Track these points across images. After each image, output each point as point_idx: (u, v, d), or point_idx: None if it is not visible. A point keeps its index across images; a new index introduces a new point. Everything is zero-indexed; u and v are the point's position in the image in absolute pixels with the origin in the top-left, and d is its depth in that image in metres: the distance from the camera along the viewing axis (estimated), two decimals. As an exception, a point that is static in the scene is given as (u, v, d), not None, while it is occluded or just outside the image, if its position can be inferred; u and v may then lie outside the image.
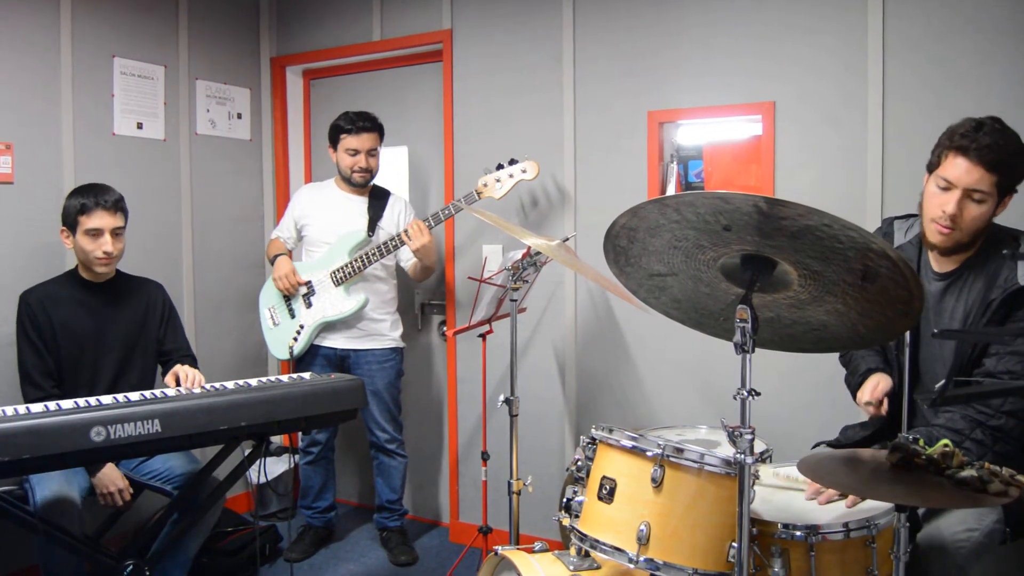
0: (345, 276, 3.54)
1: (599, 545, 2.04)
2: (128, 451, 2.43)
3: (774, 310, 1.90)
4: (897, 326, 1.83)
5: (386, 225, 3.66)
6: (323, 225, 3.67)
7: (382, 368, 3.68)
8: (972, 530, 2.04)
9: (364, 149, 3.59)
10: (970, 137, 2.09)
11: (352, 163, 3.60)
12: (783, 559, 1.96)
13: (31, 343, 2.93)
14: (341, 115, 3.65)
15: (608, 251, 1.92)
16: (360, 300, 3.56)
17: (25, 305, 2.96)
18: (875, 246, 1.58)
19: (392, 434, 3.75)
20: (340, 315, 3.57)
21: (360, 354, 3.67)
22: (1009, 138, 2.11)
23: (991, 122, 2.11)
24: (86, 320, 3.02)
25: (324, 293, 3.60)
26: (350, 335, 3.64)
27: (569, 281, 3.62)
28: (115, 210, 2.97)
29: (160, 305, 3.22)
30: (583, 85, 3.55)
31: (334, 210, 3.68)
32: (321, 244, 3.67)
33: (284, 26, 4.42)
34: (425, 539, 4.02)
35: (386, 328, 3.70)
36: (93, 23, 3.62)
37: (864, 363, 2.40)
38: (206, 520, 2.99)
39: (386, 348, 3.70)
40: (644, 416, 3.46)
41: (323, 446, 3.81)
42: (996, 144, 2.07)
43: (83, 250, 2.96)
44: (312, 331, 3.61)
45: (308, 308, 3.63)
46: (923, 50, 2.88)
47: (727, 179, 3.37)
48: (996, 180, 2.09)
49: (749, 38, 3.18)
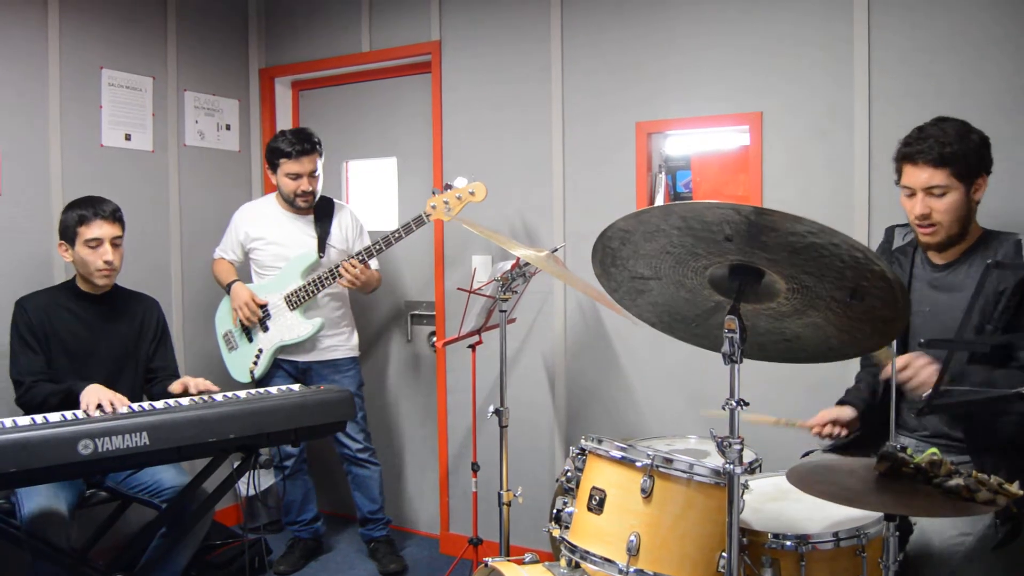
0: (299, 300, 3.54)
1: (589, 556, 2.03)
2: (116, 464, 2.42)
3: (751, 319, 1.92)
4: (869, 344, 1.88)
5: (335, 242, 3.65)
6: (272, 249, 3.64)
7: (344, 377, 3.69)
8: (965, 535, 2.05)
9: (306, 172, 3.54)
10: (912, 145, 2.25)
11: (295, 187, 3.55)
12: (773, 569, 1.97)
13: (25, 343, 2.92)
14: (278, 135, 3.62)
15: (596, 251, 1.93)
16: (316, 324, 3.56)
17: (21, 310, 2.96)
18: (876, 268, 1.60)
19: (363, 443, 3.74)
20: (297, 339, 3.57)
21: (322, 365, 3.67)
22: (949, 132, 2.21)
23: (931, 124, 2.26)
24: (80, 331, 3.01)
25: (280, 317, 3.58)
26: (308, 350, 3.65)
27: (558, 292, 3.63)
28: (113, 219, 2.98)
29: (154, 322, 3.21)
30: (571, 96, 3.56)
31: (281, 232, 3.64)
32: (270, 268, 3.65)
33: (273, 37, 4.42)
34: (415, 550, 4.01)
35: (342, 340, 3.72)
36: (81, 34, 3.61)
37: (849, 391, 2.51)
38: (195, 533, 2.97)
39: (345, 357, 3.72)
40: (634, 426, 3.46)
41: (296, 459, 3.79)
42: (936, 143, 2.20)
43: (84, 261, 2.96)
44: (270, 354, 3.60)
45: (265, 332, 3.60)
46: (908, 60, 2.91)
47: (715, 189, 3.38)
48: (949, 172, 2.21)
49: (737, 49, 3.20)
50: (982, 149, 2.24)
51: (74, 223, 2.94)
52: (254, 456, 2.73)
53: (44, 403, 2.78)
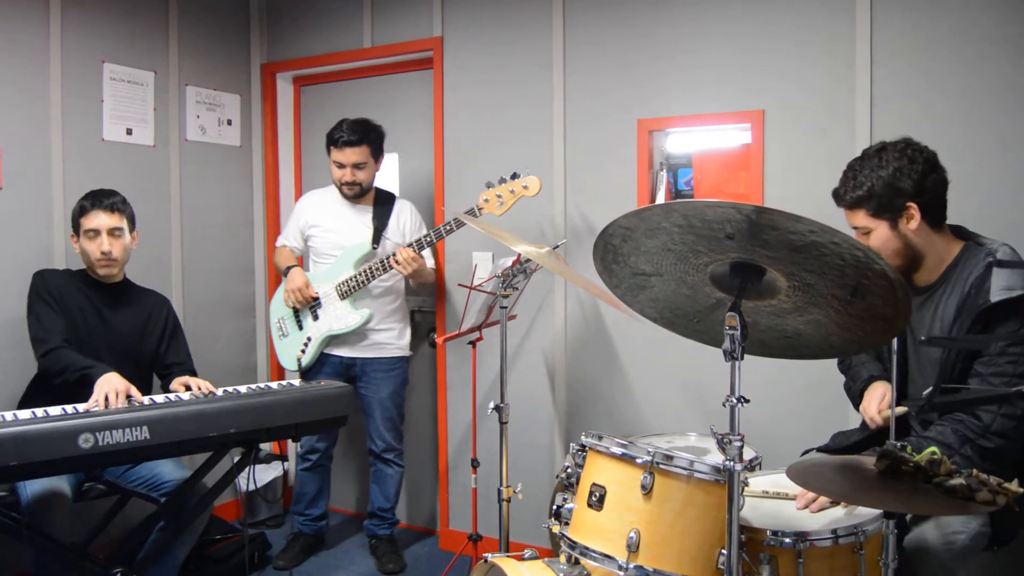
0: (350, 290, 3.54)
1: (589, 552, 2.04)
2: (116, 458, 2.43)
3: (752, 316, 1.92)
4: (871, 340, 1.87)
5: (391, 235, 3.66)
6: (328, 237, 3.67)
7: (388, 376, 3.69)
8: (958, 533, 2.06)
9: (349, 163, 3.56)
10: (836, 195, 2.31)
11: (339, 176, 3.59)
12: (771, 566, 1.97)
13: (46, 303, 2.94)
14: (338, 123, 3.62)
15: (598, 247, 1.93)
16: (364, 315, 3.56)
17: (40, 277, 3.01)
18: (876, 266, 1.60)
19: (391, 443, 3.75)
20: (345, 329, 3.57)
21: (367, 362, 3.68)
22: (860, 174, 2.23)
23: (848, 169, 2.28)
24: (88, 314, 3.03)
25: (330, 306, 3.60)
26: (357, 344, 3.65)
27: (559, 288, 3.63)
28: (112, 210, 3.00)
29: (163, 319, 3.22)
30: (573, 93, 3.56)
31: (338, 220, 3.68)
32: (327, 256, 3.67)
33: (275, 33, 4.42)
34: (415, 547, 4.01)
35: (393, 337, 3.71)
36: (83, 28, 3.61)
37: (865, 370, 2.43)
38: (194, 528, 2.98)
39: (392, 357, 3.72)
40: (634, 423, 3.47)
41: (322, 454, 3.80)
42: (849, 187, 2.26)
43: (85, 252, 3.02)
44: (319, 344, 3.62)
45: (315, 321, 3.63)
46: (909, 59, 2.91)
47: (716, 187, 3.38)
48: (866, 212, 2.23)
49: (738, 48, 3.20)
50: (896, 180, 2.18)
51: (76, 214, 3.02)
52: (254, 451, 2.73)
53: (63, 372, 2.78)
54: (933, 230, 2.24)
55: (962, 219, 2.34)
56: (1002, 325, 2.10)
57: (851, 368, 2.49)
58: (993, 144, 2.78)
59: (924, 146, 2.23)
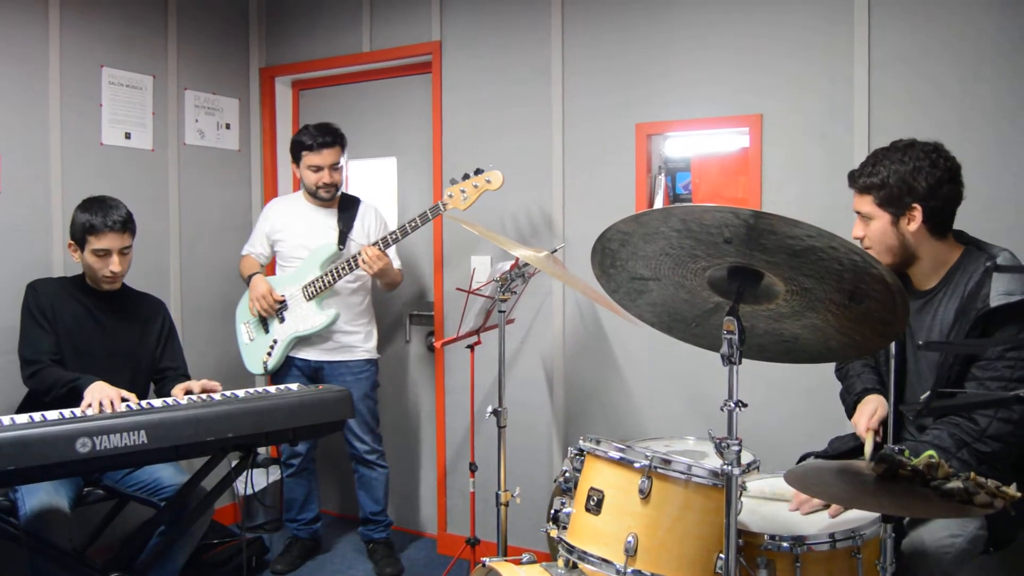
0: (316, 291, 3.54)
1: (587, 557, 2.04)
2: (114, 462, 2.42)
3: (750, 320, 1.92)
4: (870, 344, 1.88)
5: (356, 236, 3.67)
6: (295, 240, 3.67)
7: (357, 379, 3.67)
8: (956, 536, 2.06)
9: (327, 165, 3.58)
10: (852, 176, 2.33)
11: (316, 179, 3.60)
12: (769, 570, 1.97)
13: (36, 322, 2.93)
14: (302, 130, 3.65)
15: (596, 252, 1.93)
16: (331, 315, 3.56)
17: (32, 291, 2.99)
18: (874, 271, 1.60)
19: (372, 445, 3.74)
20: (311, 330, 3.57)
21: (334, 366, 3.67)
22: (880, 163, 2.25)
23: (872, 155, 2.30)
24: (85, 323, 3.02)
25: (296, 308, 3.60)
26: (324, 347, 3.64)
27: (557, 292, 3.63)
28: (123, 230, 2.97)
29: (160, 323, 3.22)
30: (571, 97, 3.57)
31: (304, 224, 3.68)
32: (293, 259, 3.67)
33: (273, 37, 4.42)
34: (412, 551, 4.01)
35: (359, 340, 3.70)
36: (81, 33, 3.61)
37: (860, 382, 2.43)
38: (193, 532, 2.97)
39: (360, 359, 3.70)
40: (632, 427, 3.46)
41: (304, 457, 3.80)
42: (865, 172, 2.28)
43: (90, 267, 2.99)
44: (285, 346, 3.61)
45: (281, 323, 3.62)
46: (909, 63, 2.91)
47: (715, 191, 3.38)
48: (873, 200, 2.25)
49: (737, 51, 3.20)
50: (912, 178, 2.19)
51: (83, 230, 2.93)
52: (252, 455, 2.73)
53: (51, 389, 2.78)
54: (932, 237, 2.24)
55: (961, 223, 2.34)
56: (1001, 330, 2.11)
57: (847, 377, 2.49)
58: (992, 148, 2.78)
59: (951, 156, 2.24)
